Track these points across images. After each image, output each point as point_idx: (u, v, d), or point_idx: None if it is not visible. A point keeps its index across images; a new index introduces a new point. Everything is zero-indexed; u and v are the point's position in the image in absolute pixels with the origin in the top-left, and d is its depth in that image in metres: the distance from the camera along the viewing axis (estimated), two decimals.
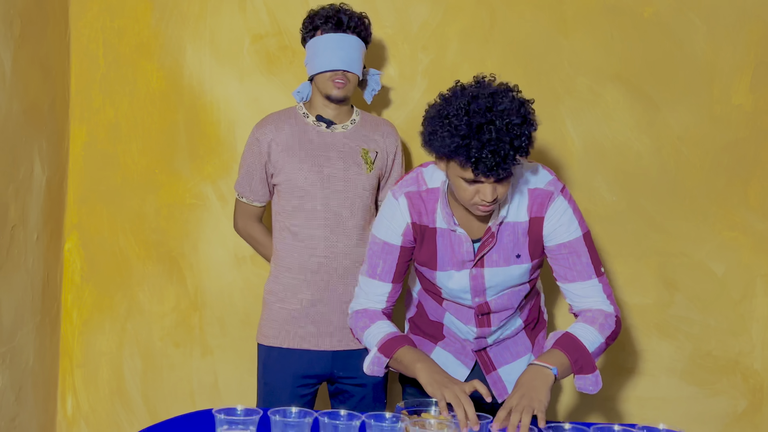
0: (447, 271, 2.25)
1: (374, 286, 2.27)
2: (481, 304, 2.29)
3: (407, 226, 2.23)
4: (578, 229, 2.20)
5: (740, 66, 3.06)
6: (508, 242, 2.20)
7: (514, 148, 1.98)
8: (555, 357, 2.10)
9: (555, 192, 2.18)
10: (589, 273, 2.20)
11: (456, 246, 2.21)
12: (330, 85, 2.53)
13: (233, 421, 1.92)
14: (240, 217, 2.74)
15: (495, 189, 2.04)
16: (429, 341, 2.45)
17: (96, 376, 3.11)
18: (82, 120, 3.05)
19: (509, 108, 2.00)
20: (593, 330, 2.15)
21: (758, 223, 3.10)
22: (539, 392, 2.01)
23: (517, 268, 2.24)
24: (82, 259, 3.09)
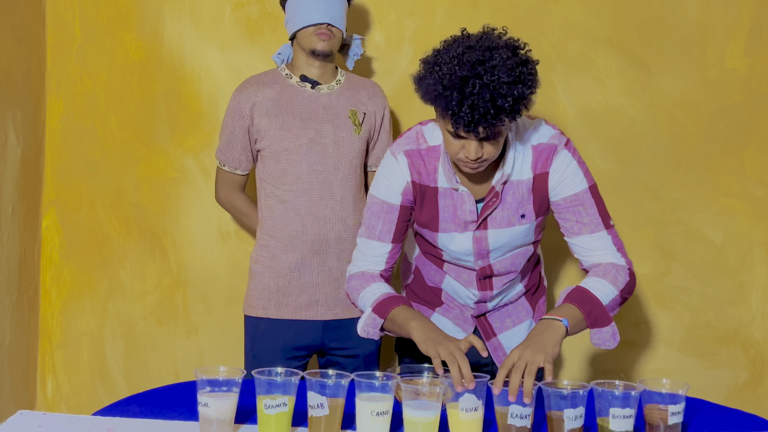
0: (449, 233, 2.17)
1: (373, 247, 2.19)
2: (484, 267, 2.22)
3: (407, 185, 2.15)
4: (584, 181, 2.13)
5: (734, 29, 2.99)
6: (512, 202, 2.13)
7: (496, 108, 1.90)
8: (566, 310, 2.01)
9: (559, 145, 2.12)
10: (597, 225, 2.13)
11: (458, 206, 2.14)
12: (314, 39, 2.45)
13: (215, 382, 1.83)
14: (222, 187, 2.65)
15: (480, 147, 1.97)
16: (427, 308, 2.37)
17: (77, 358, 3.01)
18: (59, 92, 2.96)
19: (502, 65, 1.92)
20: (606, 282, 2.07)
21: (755, 190, 3.03)
22: (546, 344, 1.92)
23: (522, 229, 2.16)
24: (60, 236, 2.99)
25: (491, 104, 1.89)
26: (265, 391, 1.83)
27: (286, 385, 1.83)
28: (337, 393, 1.84)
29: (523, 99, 1.94)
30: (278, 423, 1.82)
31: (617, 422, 1.81)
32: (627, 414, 1.81)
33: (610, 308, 2.06)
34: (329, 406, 1.82)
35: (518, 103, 1.93)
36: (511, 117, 1.94)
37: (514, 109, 1.93)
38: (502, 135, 1.99)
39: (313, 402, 1.83)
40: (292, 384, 1.84)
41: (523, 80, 1.94)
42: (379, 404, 1.82)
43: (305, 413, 1.86)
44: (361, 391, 1.84)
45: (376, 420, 1.82)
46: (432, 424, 1.83)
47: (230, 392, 1.84)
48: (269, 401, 1.81)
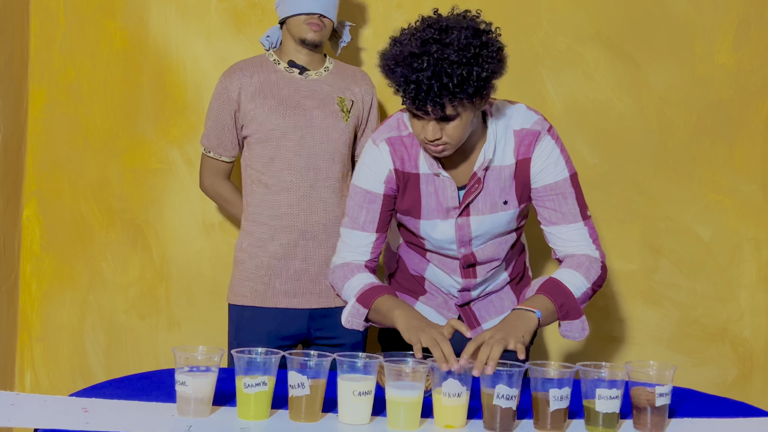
0: (431, 221, 2.14)
1: (357, 237, 2.16)
2: (467, 255, 2.19)
3: (390, 173, 2.12)
4: (565, 170, 2.11)
5: (722, 24, 2.99)
6: (494, 188, 2.10)
7: (443, 87, 1.87)
8: (539, 301, 2.00)
9: (542, 131, 2.09)
10: (575, 216, 2.11)
11: (440, 192, 2.11)
12: (305, 29, 2.42)
13: (194, 360, 1.79)
14: (207, 175, 2.62)
15: (439, 129, 1.95)
16: (410, 296, 2.33)
17: (56, 351, 2.96)
18: (42, 81, 2.93)
19: (454, 44, 1.89)
20: (579, 275, 2.07)
21: (744, 186, 3.01)
22: (518, 330, 1.92)
23: (504, 215, 2.13)
24: (41, 227, 2.95)
25: (435, 82, 1.87)
26: (244, 370, 1.79)
27: (266, 364, 1.80)
28: (318, 374, 1.81)
29: (473, 80, 1.89)
30: (257, 402, 1.78)
31: (603, 403, 1.78)
32: (613, 395, 1.78)
33: (581, 301, 2.06)
34: (310, 386, 1.79)
35: (466, 83, 1.88)
36: (462, 98, 1.90)
37: (464, 90, 1.89)
38: (462, 117, 1.94)
39: (293, 382, 1.79)
40: (272, 364, 1.81)
41: (477, 62, 1.90)
42: (361, 384, 1.78)
43: (286, 397, 1.82)
44: (344, 371, 1.81)
45: (358, 400, 1.78)
46: (415, 405, 1.79)
47: (209, 371, 1.80)
48: (249, 380, 1.77)
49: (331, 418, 1.83)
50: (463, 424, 1.81)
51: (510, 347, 1.86)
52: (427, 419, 1.83)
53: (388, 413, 1.80)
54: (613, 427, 1.80)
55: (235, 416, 1.79)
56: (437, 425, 1.81)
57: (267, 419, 1.79)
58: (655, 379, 1.81)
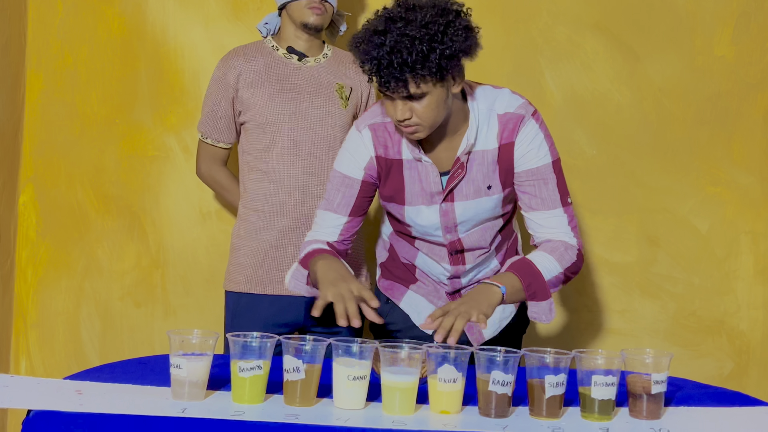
0: (416, 207, 2.14)
1: (329, 218, 2.17)
2: (454, 241, 2.18)
3: (371, 160, 2.12)
4: (548, 155, 2.10)
5: (722, 16, 2.98)
6: (477, 173, 2.10)
7: (403, 63, 1.88)
8: (506, 278, 2.03)
9: (526, 115, 2.08)
10: (555, 202, 2.10)
11: (423, 177, 2.11)
12: (307, 13, 2.41)
13: (189, 344, 1.79)
14: (203, 161, 2.61)
15: (407, 109, 1.95)
16: (401, 284, 2.33)
17: (51, 338, 2.95)
18: (39, 67, 2.91)
19: (418, 21, 1.90)
20: (552, 259, 2.08)
21: (742, 178, 3.01)
22: (481, 303, 1.94)
23: (489, 200, 2.13)
24: (37, 213, 2.94)
25: (395, 57, 1.88)
26: (239, 354, 1.79)
27: (261, 348, 1.79)
28: (314, 358, 1.80)
29: (435, 57, 1.89)
30: (252, 386, 1.77)
31: (599, 390, 1.78)
32: (609, 382, 1.78)
33: (551, 284, 2.06)
34: (305, 370, 1.78)
35: (427, 60, 1.89)
36: (423, 74, 1.90)
37: (425, 66, 1.89)
38: (430, 97, 1.94)
39: (288, 366, 1.78)
40: (267, 348, 1.80)
41: (440, 39, 1.90)
42: (356, 369, 1.78)
43: (281, 383, 1.81)
44: (339, 355, 1.80)
45: (353, 385, 1.78)
46: (410, 390, 1.78)
47: (204, 355, 1.79)
48: (243, 364, 1.77)
49: (325, 403, 1.82)
50: (459, 410, 1.81)
51: (473, 319, 1.88)
52: (423, 405, 1.83)
53: (384, 398, 1.79)
54: (609, 414, 1.80)
55: (230, 400, 1.79)
56: (433, 411, 1.80)
57: (261, 403, 1.78)
58: (652, 366, 1.81)
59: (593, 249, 3.00)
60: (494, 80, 2.90)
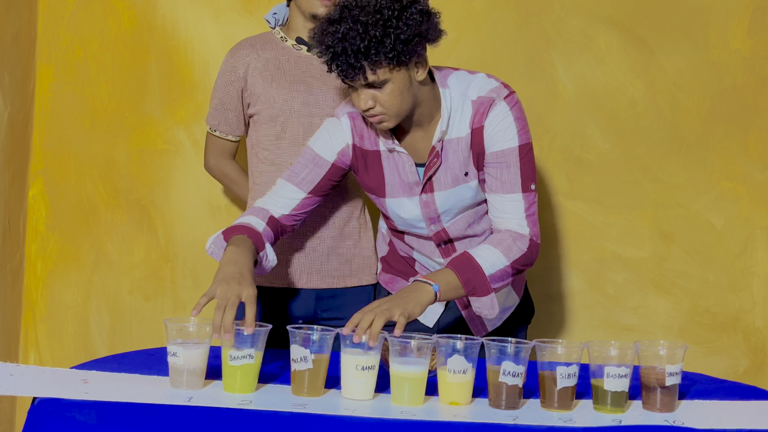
0: (397, 199, 2.12)
1: (287, 189, 2.14)
2: (438, 232, 2.15)
3: (346, 147, 2.11)
4: (515, 138, 2.04)
5: (737, 9, 2.94)
6: (453, 161, 2.07)
7: (357, 50, 1.86)
8: (442, 275, 1.94)
9: (497, 98, 2.04)
10: (515, 186, 2.04)
11: (401, 169, 2.09)
12: (316, 3, 2.38)
13: (186, 332, 1.77)
14: (212, 154, 2.59)
15: (371, 97, 1.93)
16: (402, 278, 2.31)
17: (61, 331, 2.94)
18: (49, 59, 2.91)
19: (371, 7, 1.89)
20: (497, 252, 1.99)
21: (758, 173, 2.97)
22: (408, 302, 1.85)
23: (467, 188, 2.09)
24: (47, 206, 2.93)
25: (348, 45, 1.87)
26: (230, 343, 1.76)
27: (253, 337, 1.77)
28: (322, 348, 1.78)
29: (390, 42, 1.87)
30: (243, 375, 1.75)
31: (612, 382, 1.75)
32: (622, 373, 1.75)
33: (496, 278, 1.97)
34: (313, 360, 1.76)
35: (381, 45, 1.87)
36: (379, 60, 1.88)
37: (379, 52, 1.87)
38: (392, 84, 1.92)
39: (296, 355, 1.76)
40: (260, 336, 1.78)
41: (394, 24, 1.88)
42: (364, 359, 1.76)
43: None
44: (347, 345, 1.78)
45: (362, 375, 1.75)
46: (419, 381, 1.76)
47: (201, 342, 1.77)
48: (235, 352, 1.74)
49: (334, 394, 1.80)
50: (469, 401, 1.78)
51: (394, 318, 1.80)
52: (432, 396, 1.80)
53: (392, 389, 1.77)
54: (622, 406, 1.77)
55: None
56: (442, 402, 1.78)
57: (263, 393, 1.76)
58: (666, 358, 1.78)
59: (606, 244, 2.96)
60: (507, 73, 2.88)
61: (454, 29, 2.88)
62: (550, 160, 2.95)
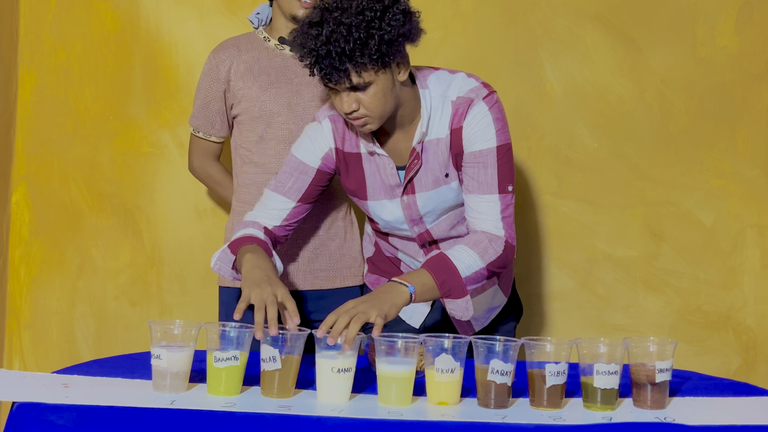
0: (379, 201, 2.10)
1: (276, 200, 2.12)
2: (422, 233, 2.14)
3: (329, 151, 2.09)
4: (494, 139, 2.01)
5: (724, 6, 2.93)
6: (434, 162, 2.05)
7: (342, 53, 1.84)
8: (417, 276, 1.92)
9: (476, 98, 2.01)
10: (491, 187, 2.01)
11: (382, 171, 2.07)
12: (296, 5, 2.36)
13: (170, 334, 1.74)
14: (196, 156, 2.57)
15: (354, 100, 1.91)
16: (387, 279, 2.28)
17: (45, 338, 2.91)
18: (32, 63, 2.88)
19: (353, 8, 1.87)
20: (472, 253, 1.97)
21: (747, 171, 2.96)
22: (383, 303, 1.82)
23: (448, 189, 2.07)
24: (30, 211, 2.90)
25: (332, 47, 1.85)
26: (215, 344, 1.74)
27: (239, 338, 1.74)
28: (293, 349, 1.75)
29: (374, 43, 1.85)
30: (228, 377, 1.72)
31: (602, 379, 1.73)
32: (612, 370, 1.72)
33: (471, 280, 1.95)
34: (283, 360, 1.72)
35: (365, 47, 1.85)
36: (364, 62, 1.86)
37: (364, 54, 1.85)
38: (375, 86, 1.90)
39: (265, 355, 1.73)
40: (245, 338, 1.75)
41: (377, 25, 1.87)
42: (340, 361, 1.72)
43: (256, 376, 1.76)
44: (322, 348, 1.75)
45: (337, 378, 1.72)
46: (407, 380, 1.73)
47: (186, 346, 1.74)
48: (219, 354, 1.71)
49: (308, 394, 1.77)
50: (457, 401, 1.76)
51: (371, 320, 1.78)
52: (420, 397, 1.78)
53: (379, 389, 1.74)
54: (612, 403, 1.74)
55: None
56: (430, 402, 1.75)
57: (239, 394, 1.73)
58: (656, 354, 1.76)
59: (596, 244, 2.95)
60: (494, 73, 2.87)
61: (441, 29, 2.88)
62: (538, 159, 2.93)
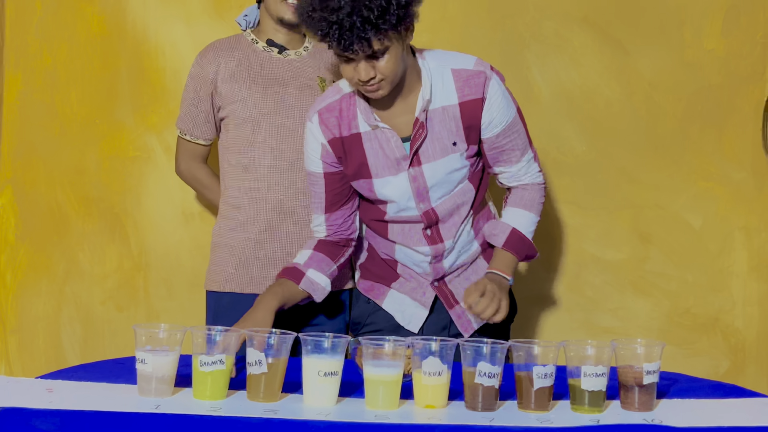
0: (383, 178, 2.11)
1: (314, 218, 2.22)
2: (428, 211, 2.14)
3: (323, 148, 2.11)
4: (513, 107, 2.14)
5: (711, 9, 2.94)
6: (440, 130, 2.09)
7: (366, 21, 1.88)
8: (508, 261, 2.17)
9: (486, 71, 2.10)
10: (525, 147, 2.20)
11: (385, 146, 2.09)
12: (283, 8, 2.36)
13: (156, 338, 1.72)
14: (183, 158, 2.56)
15: (371, 67, 1.95)
16: (382, 284, 2.28)
17: (32, 343, 2.89)
18: (17, 67, 2.86)
19: None
20: (532, 216, 2.23)
21: (734, 173, 2.96)
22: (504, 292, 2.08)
23: (455, 159, 2.11)
24: (16, 216, 2.88)
25: (356, 17, 1.87)
26: (201, 348, 1.72)
27: (225, 342, 1.73)
28: (279, 352, 1.73)
29: (393, 8, 1.90)
30: (214, 381, 1.71)
31: (589, 381, 1.72)
32: (599, 372, 1.72)
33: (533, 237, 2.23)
34: (269, 364, 1.71)
35: (387, 13, 1.90)
36: (386, 29, 1.91)
37: (386, 20, 1.89)
38: (391, 51, 1.95)
39: (251, 359, 1.72)
40: (231, 342, 1.74)
41: None
42: (327, 364, 1.71)
43: (243, 380, 1.75)
44: (309, 351, 1.73)
45: (324, 381, 1.71)
46: (393, 384, 1.72)
47: (172, 350, 1.73)
48: (205, 358, 1.70)
49: (294, 398, 1.75)
50: (444, 404, 1.75)
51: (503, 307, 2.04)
52: (408, 400, 1.77)
53: (366, 392, 1.73)
54: (600, 405, 1.74)
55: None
56: (417, 406, 1.74)
57: (224, 399, 1.72)
58: (643, 356, 1.75)
59: (584, 246, 2.94)
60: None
61: (428, 31, 2.86)
62: None
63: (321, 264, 2.15)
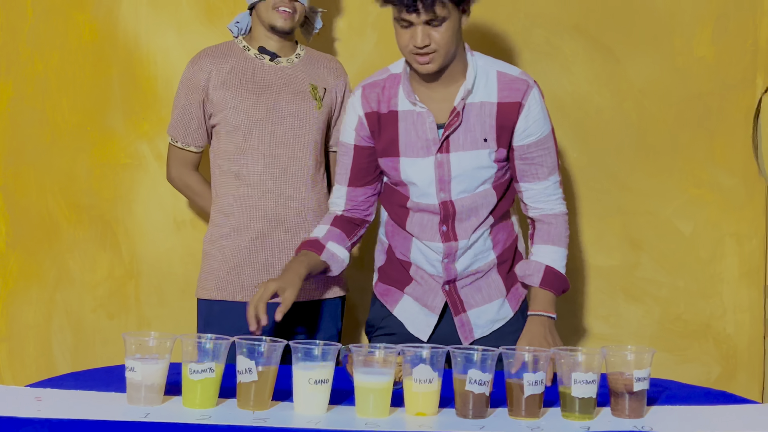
0: (411, 158, 2.16)
1: (335, 189, 2.31)
2: (446, 202, 2.16)
3: (359, 120, 2.17)
4: (548, 124, 2.20)
5: (701, 17, 2.95)
6: (475, 123, 2.13)
7: None
8: (548, 299, 2.18)
9: (530, 81, 2.17)
10: (553, 168, 2.23)
11: (419, 126, 2.14)
12: (275, 15, 2.36)
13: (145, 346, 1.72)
14: (174, 165, 2.55)
15: (427, 34, 2.03)
16: (396, 289, 2.29)
17: (22, 351, 2.88)
18: (9, 74, 2.86)
19: None
20: (562, 250, 2.25)
21: (725, 180, 2.97)
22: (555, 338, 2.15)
23: (483, 155, 2.15)
24: (7, 223, 2.87)
25: None
26: (191, 356, 1.72)
27: (215, 350, 1.73)
28: (270, 360, 1.73)
29: None
30: (204, 389, 1.71)
31: (579, 388, 1.72)
32: (589, 379, 1.72)
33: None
34: (259, 372, 1.71)
35: None
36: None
37: None
38: (449, 21, 2.04)
39: (241, 367, 1.72)
40: (221, 350, 1.74)
41: None
42: (317, 372, 1.71)
43: (234, 388, 1.75)
44: (299, 358, 1.73)
45: (314, 389, 1.71)
46: (384, 391, 1.72)
47: (162, 358, 1.72)
48: (195, 366, 1.70)
49: (285, 406, 1.75)
50: (435, 412, 1.75)
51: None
52: (398, 408, 1.77)
53: (357, 400, 1.73)
54: (590, 413, 1.74)
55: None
56: (408, 413, 1.74)
57: (214, 407, 1.71)
58: (633, 363, 1.75)
59: (575, 253, 2.95)
60: None
61: None
62: None
63: (338, 238, 2.22)
